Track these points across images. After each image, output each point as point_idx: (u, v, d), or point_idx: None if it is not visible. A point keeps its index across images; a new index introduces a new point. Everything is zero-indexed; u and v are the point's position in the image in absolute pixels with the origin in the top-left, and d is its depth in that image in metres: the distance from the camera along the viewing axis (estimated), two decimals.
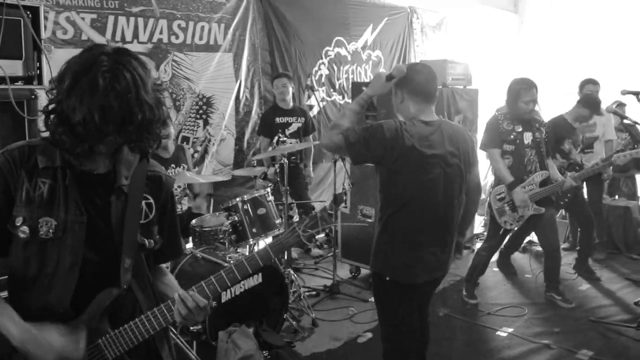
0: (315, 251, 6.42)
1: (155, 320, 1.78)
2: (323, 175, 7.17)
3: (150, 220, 1.84)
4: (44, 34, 2.97)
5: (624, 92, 4.65)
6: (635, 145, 5.27)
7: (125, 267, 1.75)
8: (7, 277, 1.76)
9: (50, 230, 1.66)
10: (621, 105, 6.13)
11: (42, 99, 2.41)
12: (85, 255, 1.71)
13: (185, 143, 5.68)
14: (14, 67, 2.79)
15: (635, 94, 4.60)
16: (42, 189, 1.67)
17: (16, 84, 2.80)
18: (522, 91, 4.65)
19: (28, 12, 2.86)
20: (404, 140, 2.71)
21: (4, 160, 1.67)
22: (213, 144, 6.15)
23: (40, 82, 2.92)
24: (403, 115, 2.91)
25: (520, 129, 4.73)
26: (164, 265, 2.08)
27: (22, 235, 1.66)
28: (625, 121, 4.74)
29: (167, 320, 1.78)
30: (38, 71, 2.93)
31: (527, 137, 4.75)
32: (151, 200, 1.85)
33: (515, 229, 4.98)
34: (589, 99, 5.53)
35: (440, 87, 5.89)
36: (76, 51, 4.56)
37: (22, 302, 1.70)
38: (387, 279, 2.90)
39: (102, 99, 1.56)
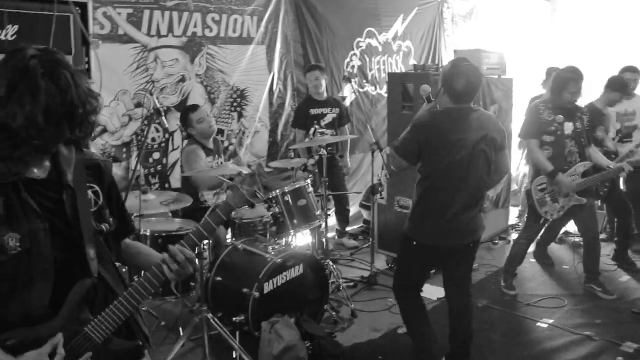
0: (351, 242, 6.43)
1: (146, 287, 1.84)
2: (357, 166, 7.15)
3: (101, 206, 1.90)
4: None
5: None
6: None
7: (91, 257, 1.81)
8: None
9: (17, 244, 1.67)
10: None
11: None
12: (54, 257, 1.74)
13: (220, 135, 5.70)
14: None
15: None
16: None
17: None
18: (571, 82, 4.57)
19: (77, 8, 2.91)
20: (434, 131, 3.33)
21: None
22: (247, 136, 6.19)
23: (89, 77, 2.97)
24: (441, 104, 3.47)
25: (562, 120, 4.66)
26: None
27: None
28: None
29: (160, 281, 1.85)
30: (87, 65, 2.99)
31: (568, 128, 4.68)
32: (96, 188, 1.90)
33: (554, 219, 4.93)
34: (615, 82, 5.43)
35: None
36: (114, 46, 4.64)
37: (7, 313, 1.71)
38: (415, 243, 3.53)
39: (45, 101, 1.58)
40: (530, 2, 8.68)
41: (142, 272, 1.90)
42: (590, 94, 5.49)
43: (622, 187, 5.74)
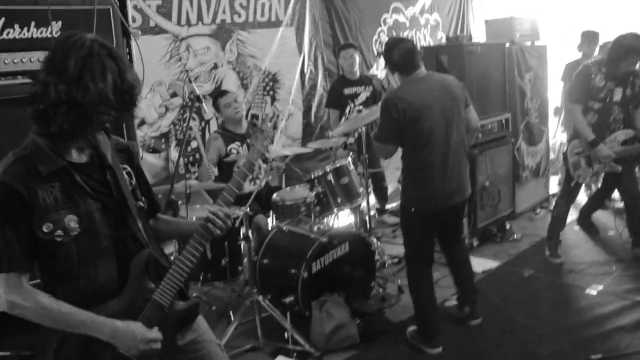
0: (392, 219, 6.42)
1: (196, 248, 2.02)
2: None
3: (134, 186, 2.06)
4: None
5: None
6: None
7: (140, 229, 1.99)
8: (43, 278, 1.89)
9: (76, 226, 1.82)
10: None
11: None
12: (110, 234, 1.90)
13: (255, 119, 5.72)
14: None
15: None
16: (54, 192, 1.80)
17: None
18: (632, 52, 4.34)
19: (116, 0, 2.94)
20: (403, 105, 3.41)
21: (12, 180, 1.75)
22: (281, 119, 6.21)
23: None
24: (400, 84, 3.63)
25: (613, 86, 4.51)
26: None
27: (58, 239, 1.79)
28: None
29: (207, 239, 2.04)
30: (128, 57, 3.02)
31: (618, 94, 4.54)
32: (128, 168, 2.05)
33: (589, 184, 4.81)
34: None
35: (508, 45, 5.76)
36: (146, 38, 4.64)
37: (71, 291, 1.85)
38: (412, 210, 3.66)
39: (112, 79, 1.75)
40: None
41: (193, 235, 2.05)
42: None
43: None
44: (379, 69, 7.02)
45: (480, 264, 4.75)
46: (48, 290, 1.83)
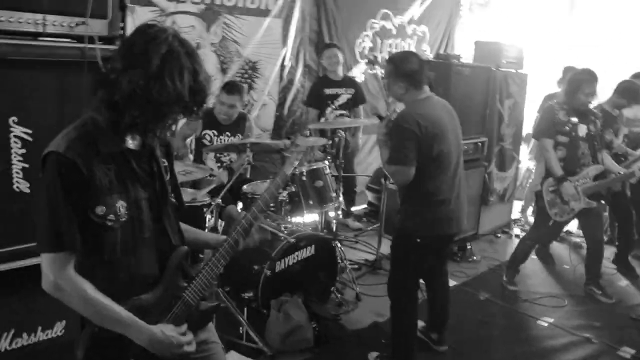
0: (355, 224, 6.44)
1: (225, 257, 2.04)
2: (372, 146, 7.12)
3: (168, 181, 2.01)
4: None
5: None
6: None
7: (171, 225, 1.97)
8: (81, 264, 1.80)
9: (125, 212, 1.78)
10: None
11: None
12: (153, 225, 1.88)
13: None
14: (99, 27, 2.76)
15: None
16: (110, 175, 1.75)
17: (100, 43, 2.77)
18: (585, 83, 4.59)
19: None
20: (421, 124, 3.20)
21: (74, 156, 1.69)
22: (255, 108, 6.13)
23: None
24: (405, 100, 3.39)
25: (576, 121, 4.68)
26: None
27: (109, 224, 1.75)
28: None
29: (234, 250, 2.06)
30: (122, 32, 2.91)
31: (582, 130, 4.70)
32: (166, 163, 2.02)
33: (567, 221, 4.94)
34: (625, 88, 5.32)
35: (494, 69, 5.81)
36: (132, 8, 4.47)
37: (110, 280, 1.80)
38: (418, 240, 3.39)
39: (188, 79, 1.71)
40: None
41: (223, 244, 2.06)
42: (605, 95, 5.47)
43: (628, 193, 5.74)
44: (359, 73, 7.01)
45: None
46: (85, 277, 1.76)
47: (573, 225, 5.65)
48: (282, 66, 6.29)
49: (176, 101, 1.71)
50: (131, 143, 1.83)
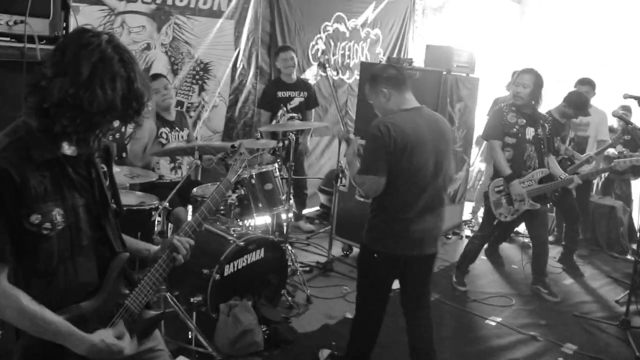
0: (307, 226, 6.44)
1: (164, 268, 2.05)
2: (311, 148, 7.13)
3: (107, 186, 1.97)
4: None
5: (626, 96, 4.72)
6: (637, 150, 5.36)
7: (112, 231, 1.94)
8: (16, 274, 1.75)
9: (62, 220, 1.74)
10: (627, 109, 6.17)
11: None
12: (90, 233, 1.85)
13: (179, 107, 5.57)
14: (41, 26, 2.70)
15: (638, 98, 4.66)
16: (45, 182, 1.71)
17: (41, 43, 2.71)
18: (519, 74, 4.88)
19: None
20: (397, 135, 3.02)
21: (6, 164, 1.65)
22: (207, 110, 6.07)
23: None
24: (390, 109, 3.19)
25: (524, 123, 4.80)
26: None
27: (45, 232, 1.71)
28: (630, 126, 4.78)
29: (171, 266, 2.08)
30: (64, 32, 2.85)
31: (529, 133, 4.81)
32: (105, 168, 1.99)
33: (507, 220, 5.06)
34: (573, 100, 5.47)
35: (445, 73, 5.89)
36: (81, 7, 4.37)
37: (46, 290, 1.76)
38: (375, 254, 3.22)
39: (121, 87, 1.68)
40: (501, 3, 8.77)
41: (157, 260, 2.07)
42: (554, 99, 5.62)
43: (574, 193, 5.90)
44: (312, 76, 7.02)
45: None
46: (20, 287, 1.70)
47: (522, 226, 5.77)
48: (234, 68, 6.24)
49: (107, 110, 1.68)
50: (67, 149, 1.79)
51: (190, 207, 4.53)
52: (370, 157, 3.12)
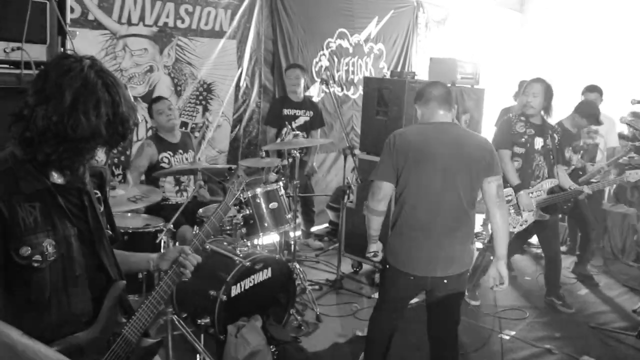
0: (316, 243, 6.39)
1: (169, 285, 2.02)
2: (318, 165, 7.10)
3: (101, 213, 1.93)
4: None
5: (634, 102, 4.68)
6: None
7: (108, 259, 1.90)
8: (6, 307, 1.71)
9: (54, 251, 1.70)
10: (638, 115, 6.10)
11: None
12: (84, 263, 1.81)
13: (184, 128, 5.58)
14: (37, 52, 2.69)
15: None
16: (35, 213, 1.68)
17: (38, 69, 2.70)
18: (528, 84, 4.77)
19: None
20: (404, 144, 3.06)
21: None
22: (210, 130, 6.07)
23: None
24: (419, 123, 3.30)
25: (533, 133, 4.73)
26: None
27: (35, 265, 1.67)
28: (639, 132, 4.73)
29: (176, 282, 2.05)
30: None
31: (538, 143, 4.75)
32: (99, 194, 1.96)
33: (517, 232, 4.98)
34: (586, 110, 5.41)
35: (450, 85, 5.84)
36: (83, 32, 4.38)
37: (39, 322, 1.72)
38: (387, 266, 3.25)
39: (105, 113, 1.65)
40: (502, 12, 8.78)
41: (162, 277, 2.05)
42: (560, 107, 5.55)
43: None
44: (316, 93, 7.01)
45: None
46: (9, 321, 1.65)
47: (534, 237, 5.70)
48: (238, 87, 6.24)
49: (92, 137, 1.64)
50: (57, 177, 1.76)
51: (196, 228, 4.49)
52: (378, 163, 3.21)
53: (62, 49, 2.77)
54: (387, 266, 3.25)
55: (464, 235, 3.17)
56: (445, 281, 3.15)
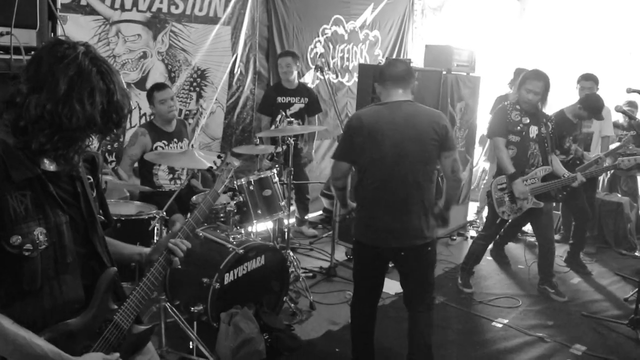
0: (310, 231, 6.39)
1: (160, 272, 2.00)
2: (325, 152, 7.08)
3: (94, 198, 1.91)
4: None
5: (630, 90, 4.65)
6: None
7: (101, 245, 1.89)
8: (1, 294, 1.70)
9: (45, 239, 1.68)
10: (633, 104, 6.10)
11: None
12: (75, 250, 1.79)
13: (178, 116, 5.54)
14: (27, 37, 2.65)
15: None
16: (25, 201, 1.65)
17: (28, 54, 2.66)
18: (528, 80, 4.72)
19: None
20: (359, 126, 3.24)
21: None
22: (204, 117, 6.03)
23: None
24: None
25: (528, 121, 4.74)
26: None
27: (26, 253, 1.65)
28: (634, 121, 4.72)
29: (167, 269, 2.03)
30: None
31: (533, 131, 4.75)
32: (91, 179, 1.93)
33: (512, 220, 4.99)
34: (591, 103, 5.33)
35: (445, 72, 5.83)
36: (75, 17, 4.33)
37: (31, 309, 1.70)
38: (354, 239, 3.48)
39: (100, 101, 1.63)
40: (500, 0, 8.71)
41: (154, 263, 2.03)
42: (556, 96, 5.53)
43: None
44: (311, 80, 6.98)
45: (393, 286, 4.74)
46: (0, 309, 1.63)
47: (527, 226, 5.71)
48: (232, 74, 6.20)
49: (87, 125, 1.62)
50: (49, 165, 1.73)
51: (189, 215, 4.48)
52: (337, 144, 3.50)
53: (52, 34, 2.74)
54: (354, 240, 3.49)
55: (420, 209, 3.27)
56: (402, 253, 3.32)
